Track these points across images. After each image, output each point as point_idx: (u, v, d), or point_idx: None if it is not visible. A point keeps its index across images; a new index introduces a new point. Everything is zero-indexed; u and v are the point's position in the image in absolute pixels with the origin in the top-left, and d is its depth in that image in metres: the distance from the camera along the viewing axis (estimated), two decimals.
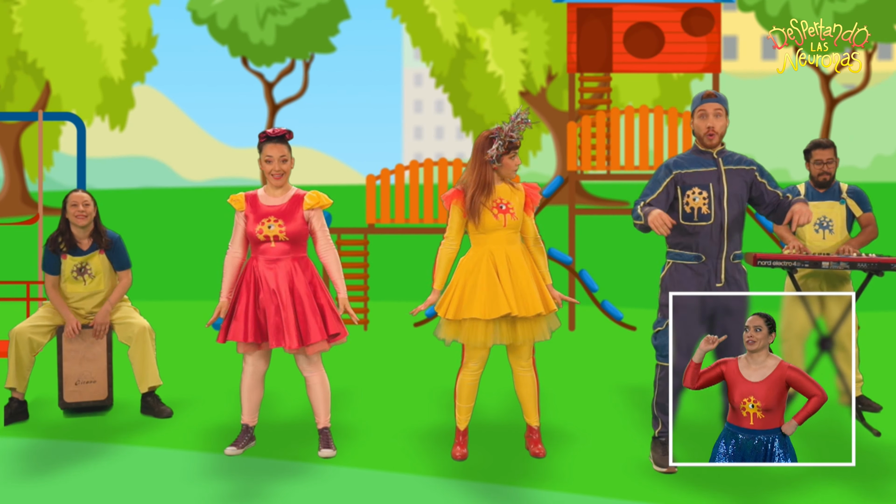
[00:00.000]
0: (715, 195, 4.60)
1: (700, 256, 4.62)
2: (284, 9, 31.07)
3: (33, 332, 5.67)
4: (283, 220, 4.94)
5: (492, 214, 4.78)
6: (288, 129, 5.05)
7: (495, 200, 4.81)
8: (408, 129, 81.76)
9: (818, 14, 25.53)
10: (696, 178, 4.63)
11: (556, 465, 4.79)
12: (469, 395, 4.95)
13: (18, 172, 28.36)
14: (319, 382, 5.06)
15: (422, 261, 13.98)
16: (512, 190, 4.88)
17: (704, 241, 4.61)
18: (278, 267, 4.94)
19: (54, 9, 26.07)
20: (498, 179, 4.86)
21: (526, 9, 26.79)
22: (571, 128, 8.51)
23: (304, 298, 4.92)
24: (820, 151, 5.78)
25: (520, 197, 4.89)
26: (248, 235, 4.97)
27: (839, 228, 5.73)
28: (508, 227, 4.80)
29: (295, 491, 4.45)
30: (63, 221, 5.77)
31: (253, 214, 4.98)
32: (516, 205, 4.85)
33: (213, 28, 31.63)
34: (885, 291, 9.16)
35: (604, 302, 8.70)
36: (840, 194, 5.79)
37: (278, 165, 4.93)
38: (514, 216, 4.82)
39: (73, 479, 4.61)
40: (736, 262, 4.64)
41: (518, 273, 4.76)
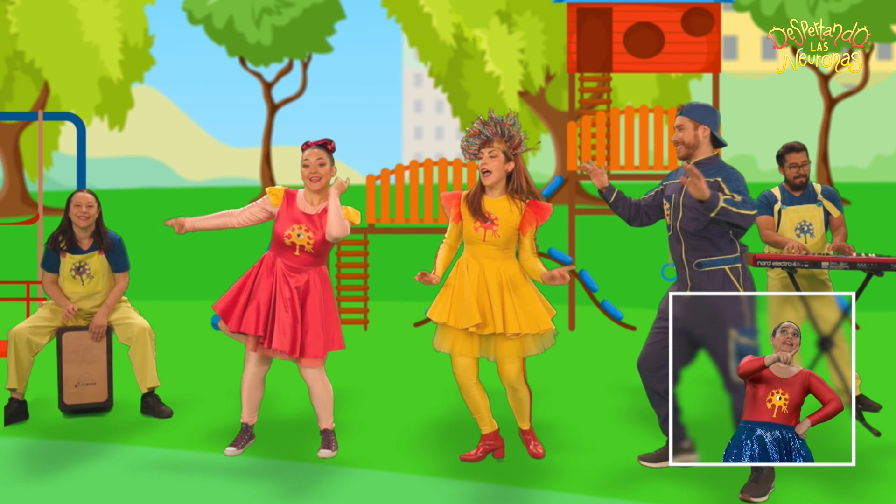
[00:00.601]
0: (673, 207, 4.64)
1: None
2: (280, 9, 31.04)
3: (32, 333, 5.67)
4: (313, 231, 4.92)
5: (473, 226, 4.66)
6: (330, 139, 5.07)
7: (485, 212, 4.66)
8: (408, 129, 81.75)
9: (814, 14, 25.52)
10: (668, 191, 4.74)
11: (557, 465, 4.79)
12: (472, 404, 4.83)
13: (18, 172, 28.35)
14: (322, 389, 5.04)
15: (422, 261, 13.94)
16: (510, 205, 4.66)
17: (673, 252, 4.69)
18: (299, 277, 4.93)
19: (49, 9, 26.05)
20: (490, 190, 4.69)
21: (521, 8, 26.79)
22: (571, 128, 8.51)
23: (313, 313, 4.90)
24: (794, 155, 5.76)
25: (515, 216, 4.66)
26: (275, 235, 4.95)
27: (819, 231, 5.74)
28: (488, 242, 4.63)
29: (295, 491, 4.45)
30: (65, 220, 5.77)
31: (286, 214, 4.95)
32: (506, 223, 4.63)
33: (209, 28, 31.60)
34: (885, 291, 9.16)
35: (604, 302, 8.70)
36: (816, 196, 5.79)
37: (315, 168, 4.94)
38: (496, 234, 4.61)
39: (73, 479, 4.61)
40: (703, 270, 4.55)
41: (493, 289, 4.61)
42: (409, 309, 9.64)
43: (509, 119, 4.69)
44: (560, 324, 8.61)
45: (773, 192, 5.84)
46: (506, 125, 4.67)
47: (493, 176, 4.64)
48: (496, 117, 4.69)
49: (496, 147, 4.64)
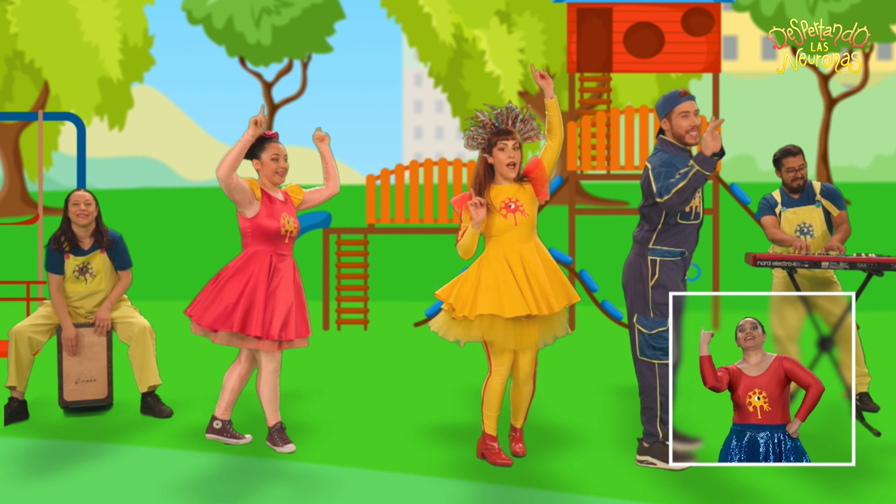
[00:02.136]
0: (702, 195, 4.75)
1: (685, 252, 4.71)
2: (279, 9, 31.04)
3: (33, 332, 5.67)
4: (292, 217, 5.09)
5: (501, 216, 4.62)
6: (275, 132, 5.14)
7: (503, 200, 4.64)
8: (408, 129, 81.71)
9: (813, 14, 25.53)
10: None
11: (557, 466, 4.79)
12: (498, 402, 4.79)
13: (18, 172, 28.34)
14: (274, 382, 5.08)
15: (422, 261, 13.98)
16: (519, 186, 4.69)
17: (692, 240, 4.72)
18: (286, 262, 5.06)
19: (48, 9, 26.04)
20: (500, 179, 4.71)
21: (521, 9, 26.78)
22: (571, 128, 8.51)
23: (298, 295, 5.06)
24: (790, 159, 5.77)
25: (529, 191, 4.70)
26: (264, 230, 4.96)
27: (819, 231, 5.73)
28: (521, 225, 4.64)
29: (295, 491, 4.45)
30: (65, 220, 5.77)
31: (267, 208, 5.00)
32: (526, 201, 4.67)
33: (208, 28, 31.60)
34: (885, 291, 9.16)
35: (604, 302, 8.69)
36: (815, 197, 5.78)
37: (284, 163, 5.05)
38: (525, 213, 4.64)
39: (73, 479, 4.61)
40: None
41: (535, 271, 4.62)
42: (409, 309, 9.63)
43: (525, 111, 4.70)
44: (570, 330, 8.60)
45: (774, 195, 5.85)
46: (524, 118, 4.70)
47: (518, 168, 4.69)
48: (512, 108, 4.68)
49: (517, 139, 4.68)
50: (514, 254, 4.64)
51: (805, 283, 5.76)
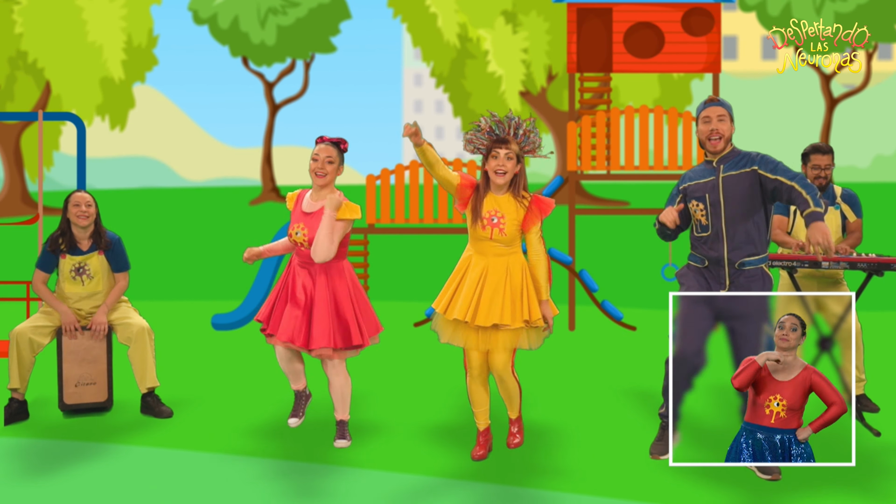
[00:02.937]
0: (711, 206, 4.67)
1: (704, 261, 4.74)
2: (286, 9, 31.08)
3: (34, 333, 5.67)
4: (308, 229, 5.05)
5: (480, 225, 4.67)
6: (344, 139, 5.17)
7: (490, 211, 4.66)
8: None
9: (819, 14, 25.54)
10: (696, 190, 4.76)
11: (557, 465, 4.79)
12: (477, 399, 4.92)
13: (18, 172, 28.37)
14: (339, 385, 5.18)
15: (422, 261, 13.98)
16: (516, 203, 4.68)
17: (707, 251, 4.72)
18: (310, 271, 5.10)
19: (55, 9, 26.09)
20: (497, 188, 4.70)
21: (527, 9, 26.80)
22: (571, 128, 8.51)
23: (320, 306, 5.01)
24: (818, 157, 5.73)
25: (520, 213, 4.69)
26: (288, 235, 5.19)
27: (834, 234, 5.72)
28: (495, 240, 4.67)
29: (298, 492, 4.45)
30: (64, 221, 5.77)
31: (294, 214, 5.19)
32: (511, 220, 4.65)
33: (213, 28, 31.65)
34: (885, 291, 9.16)
35: (604, 302, 8.70)
36: (835, 199, 5.76)
37: (322, 164, 5.06)
38: (502, 232, 4.64)
39: (73, 479, 4.61)
40: (745, 269, 4.64)
41: (492, 284, 4.64)
42: (409, 309, 9.63)
43: (528, 123, 4.69)
44: (560, 324, 8.61)
45: None
46: (525, 130, 4.69)
47: (508, 177, 4.67)
48: (514, 118, 4.69)
49: (512, 149, 4.66)
50: (481, 262, 4.71)
51: (813, 284, 5.75)
